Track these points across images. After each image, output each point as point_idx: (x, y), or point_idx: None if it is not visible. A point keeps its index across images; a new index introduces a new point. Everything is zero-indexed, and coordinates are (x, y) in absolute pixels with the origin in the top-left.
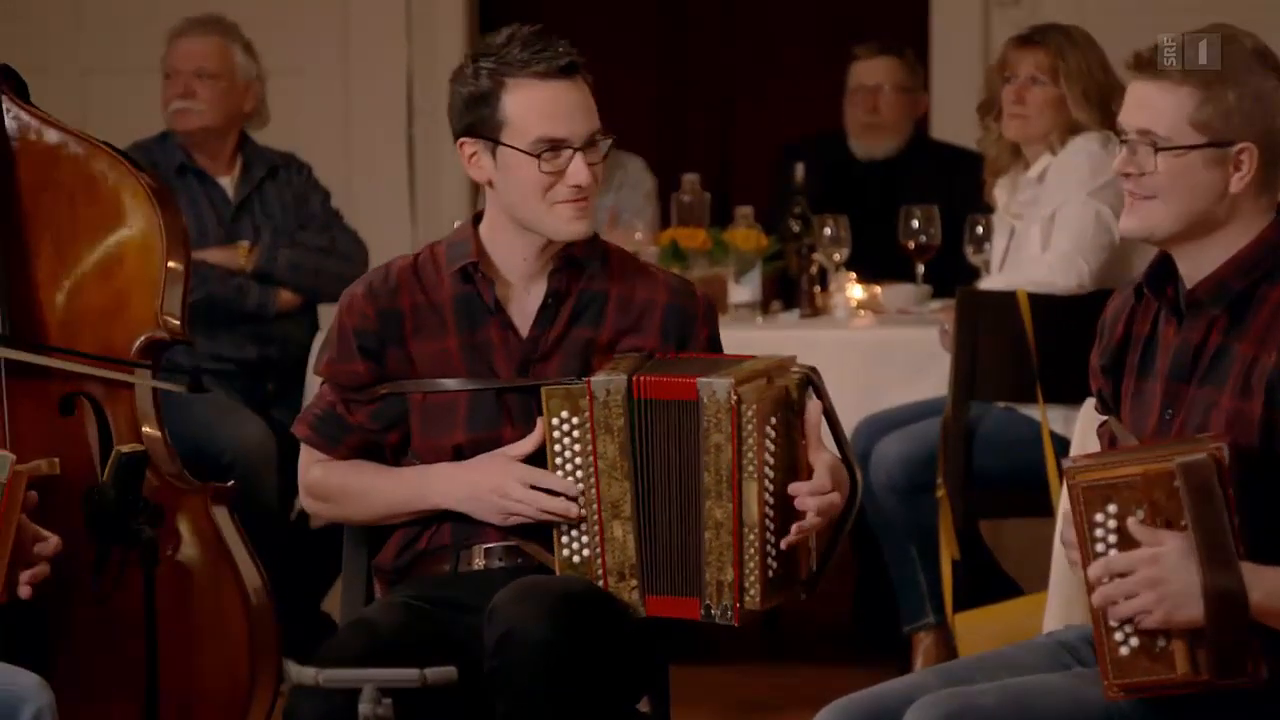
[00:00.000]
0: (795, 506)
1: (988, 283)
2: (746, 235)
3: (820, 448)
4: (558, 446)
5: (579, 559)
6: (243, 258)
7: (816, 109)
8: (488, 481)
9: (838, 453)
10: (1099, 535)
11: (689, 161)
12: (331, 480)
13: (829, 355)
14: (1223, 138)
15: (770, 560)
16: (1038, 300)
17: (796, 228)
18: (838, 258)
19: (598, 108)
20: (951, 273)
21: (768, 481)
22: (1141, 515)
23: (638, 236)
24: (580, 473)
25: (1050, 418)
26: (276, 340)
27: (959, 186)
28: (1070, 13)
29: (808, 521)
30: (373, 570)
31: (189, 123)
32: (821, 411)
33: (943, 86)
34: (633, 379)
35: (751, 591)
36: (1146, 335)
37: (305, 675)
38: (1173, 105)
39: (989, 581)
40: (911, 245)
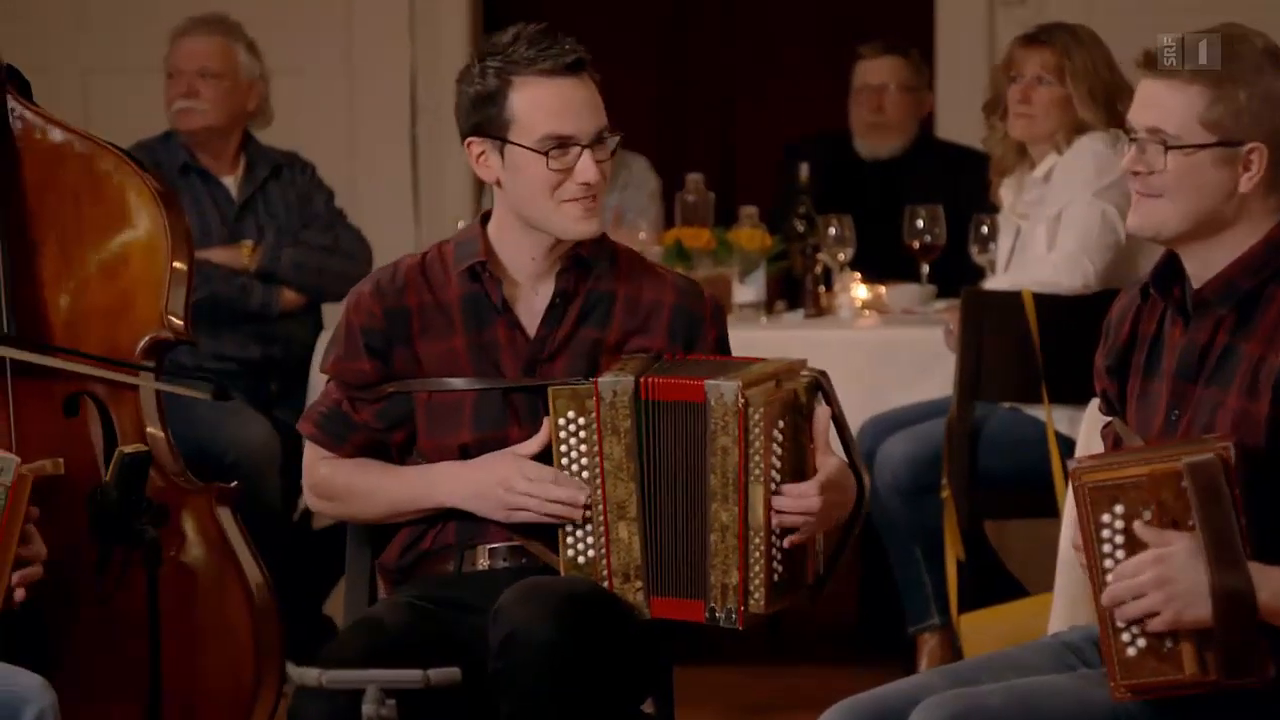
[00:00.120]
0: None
1: (993, 283)
2: (751, 235)
3: (828, 452)
4: (564, 447)
5: (584, 560)
6: (246, 257)
7: (817, 109)
8: (493, 476)
9: (845, 457)
10: (1106, 536)
11: (690, 162)
12: (337, 478)
13: (833, 355)
14: (1233, 137)
15: (776, 564)
16: (1043, 300)
17: (801, 228)
18: (842, 257)
19: None
20: (956, 273)
21: (774, 485)
22: (1149, 516)
23: (642, 236)
24: (586, 473)
25: (1055, 418)
26: (280, 340)
27: (964, 186)
28: (1076, 12)
29: (800, 534)
30: (376, 570)
31: (192, 122)
32: (830, 417)
33: (948, 86)
34: (640, 380)
35: (756, 595)
36: (1152, 335)
37: (308, 676)
38: (1183, 104)
39: (994, 582)
40: (916, 245)
